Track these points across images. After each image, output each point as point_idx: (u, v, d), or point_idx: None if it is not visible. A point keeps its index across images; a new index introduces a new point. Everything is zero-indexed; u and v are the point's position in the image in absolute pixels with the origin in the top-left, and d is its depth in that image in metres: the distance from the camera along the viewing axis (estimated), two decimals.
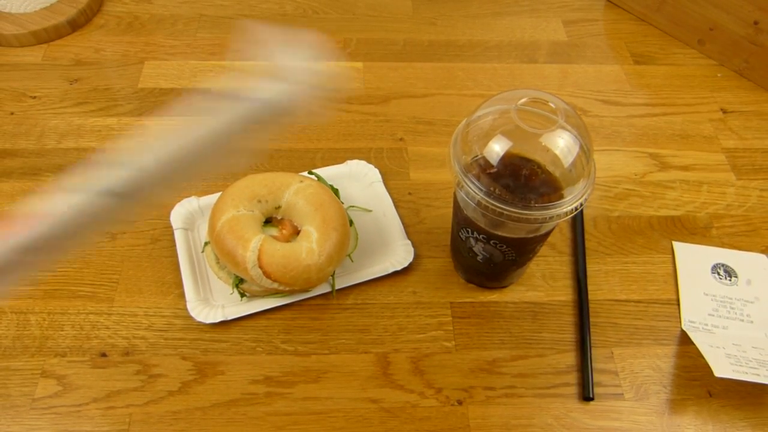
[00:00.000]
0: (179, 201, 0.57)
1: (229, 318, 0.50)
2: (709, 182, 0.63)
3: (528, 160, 0.43)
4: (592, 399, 0.48)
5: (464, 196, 0.42)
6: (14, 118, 0.65)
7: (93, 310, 0.51)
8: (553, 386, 0.49)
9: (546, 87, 0.72)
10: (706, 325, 0.53)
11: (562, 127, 0.41)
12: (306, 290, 0.52)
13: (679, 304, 0.54)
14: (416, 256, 0.56)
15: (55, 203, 0.31)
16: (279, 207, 0.52)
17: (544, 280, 0.55)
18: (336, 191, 0.57)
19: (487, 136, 0.42)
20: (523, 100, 0.42)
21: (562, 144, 0.41)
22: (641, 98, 0.71)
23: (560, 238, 0.58)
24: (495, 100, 0.44)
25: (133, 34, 0.75)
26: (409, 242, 0.56)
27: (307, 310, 0.52)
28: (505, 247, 0.46)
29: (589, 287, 0.55)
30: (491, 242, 0.46)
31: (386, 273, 0.53)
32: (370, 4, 0.81)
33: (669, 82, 0.73)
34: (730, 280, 0.56)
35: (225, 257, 0.49)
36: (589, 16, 0.81)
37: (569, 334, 0.52)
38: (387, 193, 0.59)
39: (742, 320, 0.53)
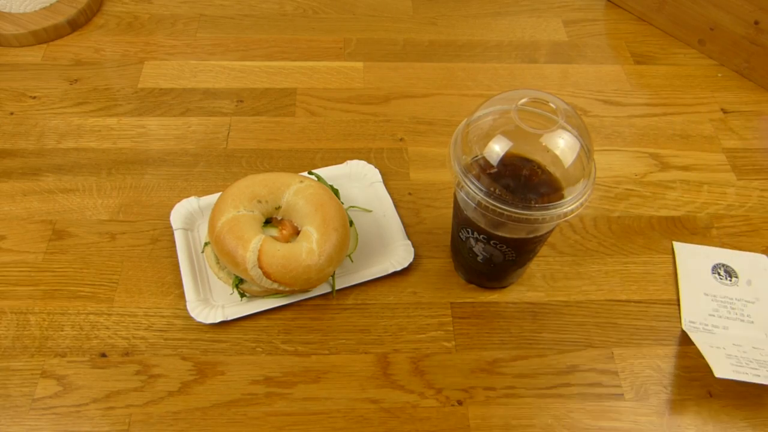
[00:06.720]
0: (179, 201, 0.57)
1: (229, 318, 0.50)
2: (710, 182, 0.63)
3: (528, 161, 0.43)
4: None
5: (464, 197, 0.42)
6: (14, 118, 0.65)
7: (93, 310, 0.51)
8: (553, 386, 0.49)
9: (546, 87, 0.72)
10: (707, 325, 0.53)
11: (563, 128, 0.41)
12: (306, 290, 0.52)
13: (679, 305, 0.54)
14: (416, 257, 0.56)
15: None
16: (279, 207, 0.52)
17: (544, 281, 0.55)
18: (336, 191, 0.57)
19: (488, 137, 0.42)
20: (523, 101, 0.42)
21: (562, 144, 0.41)
22: (641, 98, 0.71)
23: (560, 238, 0.58)
24: (495, 101, 0.44)
25: (133, 34, 0.75)
26: (409, 242, 0.56)
27: (307, 311, 0.52)
28: (505, 247, 0.46)
29: (590, 287, 0.55)
30: (491, 242, 0.46)
31: (386, 273, 0.53)
32: (370, 4, 0.81)
33: (669, 82, 0.73)
34: (730, 281, 0.56)
35: (225, 258, 0.49)
36: (590, 16, 0.81)
37: (569, 334, 0.52)
38: (387, 194, 0.59)
39: (743, 321, 0.53)
